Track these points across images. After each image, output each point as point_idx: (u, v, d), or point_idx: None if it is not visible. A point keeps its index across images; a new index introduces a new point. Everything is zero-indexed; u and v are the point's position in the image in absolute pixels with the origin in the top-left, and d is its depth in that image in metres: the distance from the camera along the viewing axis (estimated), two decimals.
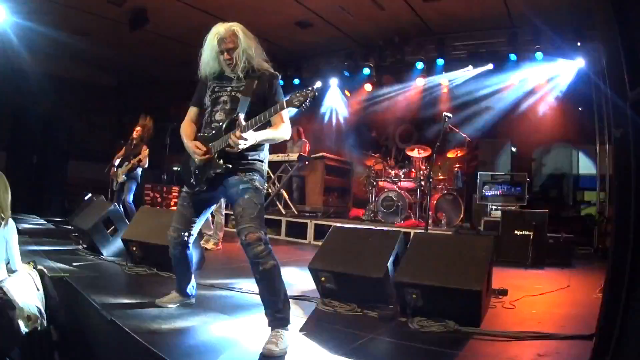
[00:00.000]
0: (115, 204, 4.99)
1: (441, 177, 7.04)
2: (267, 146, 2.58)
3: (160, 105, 10.90)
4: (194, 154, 2.45)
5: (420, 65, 7.87)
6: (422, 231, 5.34)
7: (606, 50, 1.48)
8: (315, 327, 2.62)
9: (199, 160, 2.42)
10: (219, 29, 2.54)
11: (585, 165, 6.87)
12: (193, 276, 2.94)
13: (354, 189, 8.62)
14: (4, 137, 8.41)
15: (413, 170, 7.11)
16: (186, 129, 2.60)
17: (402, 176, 7.14)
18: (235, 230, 2.45)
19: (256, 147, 2.42)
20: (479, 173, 6.56)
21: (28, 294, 2.53)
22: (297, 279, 4.02)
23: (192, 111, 2.69)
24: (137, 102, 10.63)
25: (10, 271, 2.68)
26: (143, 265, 3.90)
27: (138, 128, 6.07)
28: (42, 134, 8.09)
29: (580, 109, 6.90)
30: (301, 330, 2.52)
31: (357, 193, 8.50)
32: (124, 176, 5.93)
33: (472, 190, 6.87)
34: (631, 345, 1.43)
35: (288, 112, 2.36)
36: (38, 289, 2.66)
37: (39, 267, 2.94)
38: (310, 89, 2.18)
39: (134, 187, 6.09)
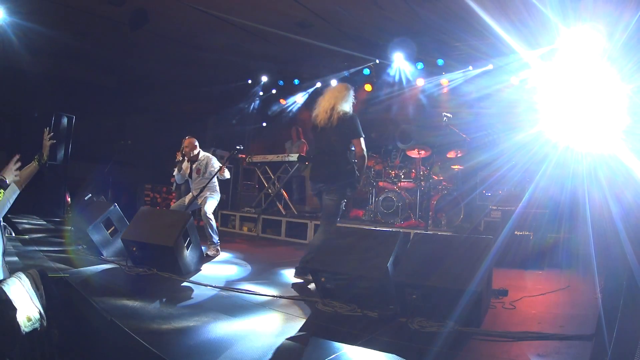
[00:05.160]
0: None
1: (441, 178, 7.04)
2: None
3: (160, 105, 10.94)
4: None
5: (420, 65, 7.88)
6: (422, 231, 5.34)
7: None
8: (315, 327, 2.62)
9: None
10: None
11: None
12: None
13: None
14: (4, 137, 8.41)
15: (413, 170, 7.12)
16: None
17: (402, 176, 7.14)
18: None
19: None
20: (479, 173, 6.56)
21: (28, 294, 2.53)
22: (297, 279, 4.03)
23: None
24: (137, 102, 10.65)
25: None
26: (143, 266, 3.91)
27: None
28: (42, 134, 8.08)
29: None
30: (301, 330, 2.52)
31: (357, 193, 8.48)
32: None
33: (472, 190, 6.87)
34: (630, 346, 1.43)
35: None
36: (38, 289, 2.65)
37: (39, 267, 2.94)
38: None
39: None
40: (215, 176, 5.14)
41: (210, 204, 5.04)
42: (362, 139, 3.73)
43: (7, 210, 2.81)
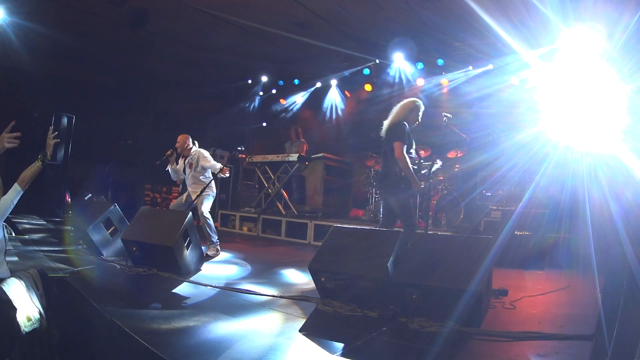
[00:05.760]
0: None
1: (441, 178, 7.04)
2: None
3: (160, 105, 10.94)
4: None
5: (420, 65, 7.89)
6: (422, 231, 5.34)
7: None
8: (315, 327, 2.62)
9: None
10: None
11: None
12: None
13: (354, 189, 8.62)
14: None
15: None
16: None
17: None
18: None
19: None
20: (479, 173, 6.56)
21: (28, 294, 2.53)
22: (297, 279, 4.03)
23: None
24: (137, 102, 10.65)
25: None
26: (143, 266, 3.91)
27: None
28: (42, 134, 8.09)
29: None
30: (301, 330, 2.52)
31: (357, 193, 8.50)
32: None
33: (472, 190, 6.87)
34: (630, 346, 1.43)
35: None
36: (38, 289, 2.65)
37: (39, 267, 2.94)
38: None
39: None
40: (212, 174, 5.23)
41: (207, 204, 5.08)
42: (400, 144, 3.88)
43: (10, 211, 2.82)
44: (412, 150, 4.18)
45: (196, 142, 5.44)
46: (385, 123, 4.16)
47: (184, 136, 5.38)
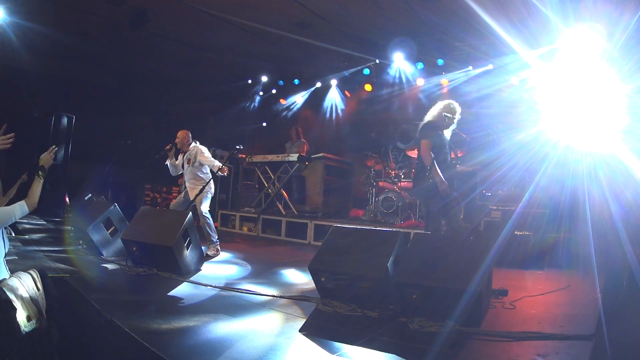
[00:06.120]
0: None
1: None
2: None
3: (160, 105, 10.94)
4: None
5: (420, 65, 7.89)
6: (422, 231, 5.34)
7: None
8: (315, 327, 2.62)
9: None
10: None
11: None
12: None
13: (354, 189, 8.62)
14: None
15: (413, 170, 7.12)
16: None
17: (402, 176, 7.14)
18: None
19: None
20: (479, 173, 6.56)
21: (28, 294, 2.53)
22: (297, 279, 4.04)
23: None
24: (137, 102, 10.65)
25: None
26: (143, 266, 3.91)
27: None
28: (42, 134, 8.08)
29: None
30: (301, 330, 2.52)
31: (357, 193, 8.50)
32: None
33: (472, 190, 6.86)
34: (630, 346, 1.43)
35: None
36: (38, 289, 2.65)
37: (39, 267, 2.94)
38: None
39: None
40: (210, 171, 5.28)
41: (206, 203, 5.10)
42: (426, 142, 3.95)
43: (10, 223, 2.81)
44: (446, 152, 4.21)
45: (197, 142, 5.46)
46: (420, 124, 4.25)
47: (184, 132, 5.42)
